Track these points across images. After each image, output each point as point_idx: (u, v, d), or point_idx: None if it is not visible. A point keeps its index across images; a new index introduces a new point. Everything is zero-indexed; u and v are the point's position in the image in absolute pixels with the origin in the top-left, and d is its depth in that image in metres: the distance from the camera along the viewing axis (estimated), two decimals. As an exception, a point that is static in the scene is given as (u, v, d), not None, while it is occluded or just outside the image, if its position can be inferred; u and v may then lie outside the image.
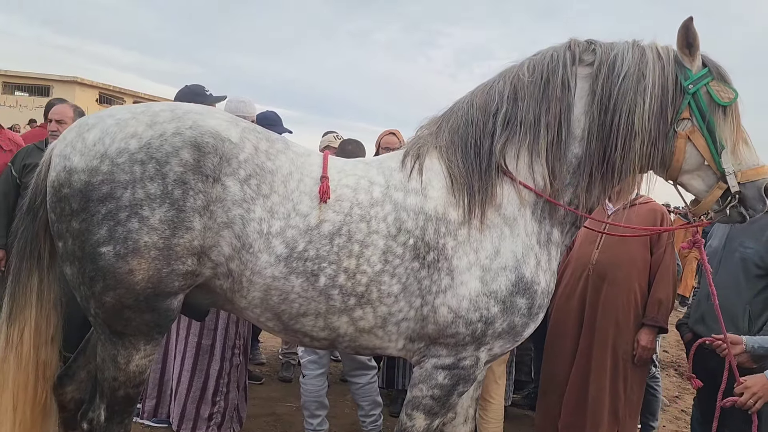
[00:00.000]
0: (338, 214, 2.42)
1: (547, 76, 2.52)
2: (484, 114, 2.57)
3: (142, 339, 2.41)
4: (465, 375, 2.53)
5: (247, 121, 2.61)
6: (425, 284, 2.44)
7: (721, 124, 2.46)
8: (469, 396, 2.89)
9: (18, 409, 2.47)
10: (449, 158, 2.55)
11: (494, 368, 3.82)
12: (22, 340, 2.47)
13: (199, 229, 2.31)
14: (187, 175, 2.28)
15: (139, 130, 2.31)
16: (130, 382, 2.45)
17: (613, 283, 3.80)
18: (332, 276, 2.39)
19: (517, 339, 2.58)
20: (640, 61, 2.47)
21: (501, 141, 2.52)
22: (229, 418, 3.97)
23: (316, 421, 4.11)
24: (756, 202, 2.48)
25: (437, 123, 2.70)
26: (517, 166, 2.53)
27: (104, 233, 2.23)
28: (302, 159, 2.54)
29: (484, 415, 3.87)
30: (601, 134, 2.48)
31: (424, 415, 2.56)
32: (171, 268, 2.29)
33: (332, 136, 5.77)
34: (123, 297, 2.29)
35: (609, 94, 2.46)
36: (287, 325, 2.50)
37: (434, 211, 2.47)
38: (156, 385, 4.10)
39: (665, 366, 7.64)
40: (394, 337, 2.53)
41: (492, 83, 2.64)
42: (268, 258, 2.36)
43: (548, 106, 2.49)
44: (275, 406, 5.03)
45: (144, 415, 4.20)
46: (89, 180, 2.24)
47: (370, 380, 4.21)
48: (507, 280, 2.44)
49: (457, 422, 2.91)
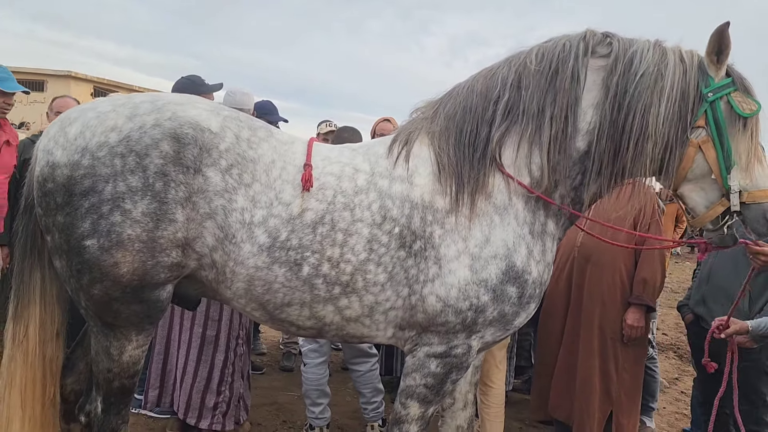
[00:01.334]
0: (321, 202, 2.41)
1: (556, 66, 2.43)
2: (484, 101, 2.51)
3: (133, 330, 2.43)
4: (457, 363, 2.53)
5: (230, 109, 2.58)
6: (412, 273, 2.42)
7: (739, 137, 2.35)
8: (468, 381, 2.91)
9: (26, 405, 2.50)
10: (440, 145, 2.50)
11: (495, 353, 3.83)
12: (27, 337, 2.50)
13: (182, 221, 2.32)
14: (168, 167, 2.29)
15: (119, 122, 2.32)
16: (124, 373, 2.48)
17: (598, 264, 3.84)
18: (316, 265, 2.38)
19: (508, 328, 2.56)
20: (660, 61, 2.37)
21: (500, 130, 2.47)
22: (235, 407, 3.99)
23: (318, 409, 4.15)
24: (758, 224, 2.39)
25: (434, 107, 2.65)
26: (514, 157, 2.48)
27: (88, 227, 2.25)
28: (285, 147, 2.52)
29: (485, 400, 3.89)
30: (613, 132, 2.39)
31: (419, 404, 2.56)
32: (156, 260, 2.31)
33: (326, 125, 5.79)
34: (110, 289, 2.31)
35: (624, 92, 2.36)
36: (272, 314, 2.50)
37: (420, 198, 2.44)
38: (159, 375, 4.12)
39: (664, 348, 7.69)
40: (382, 326, 2.53)
41: (496, 69, 2.56)
42: (250, 248, 2.36)
43: (554, 97, 2.42)
44: (277, 396, 5.07)
45: (147, 405, 4.23)
46: (71, 174, 2.26)
47: (371, 368, 4.25)
48: (497, 269, 2.41)
49: (456, 408, 2.93)
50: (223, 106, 2.58)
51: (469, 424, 2.94)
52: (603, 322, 3.82)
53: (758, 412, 3.56)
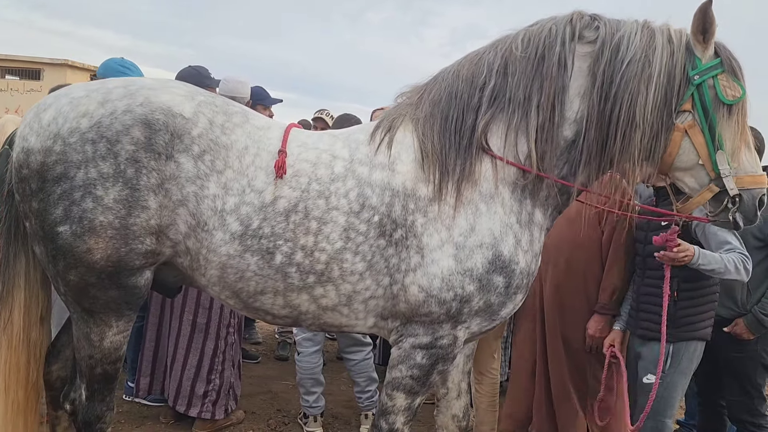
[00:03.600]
0: (294, 190, 2.36)
1: (542, 52, 2.35)
2: (470, 87, 2.43)
3: (112, 315, 2.41)
4: (443, 354, 2.47)
5: (206, 94, 2.52)
6: (393, 262, 2.37)
7: (724, 122, 2.29)
8: (460, 371, 2.88)
9: (10, 389, 2.50)
10: (424, 132, 2.42)
11: (491, 342, 3.80)
12: (12, 322, 2.50)
13: (155, 208, 2.29)
14: (139, 153, 2.26)
15: (90, 108, 2.30)
16: (105, 359, 2.46)
17: (557, 267, 3.57)
18: (288, 254, 2.34)
19: (495, 318, 2.49)
20: (648, 45, 2.28)
21: (486, 118, 2.39)
22: (225, 395, 3.98)
23: (312, 398, 4.13)
24: (748, 212, 2.35)
25: (419, 92, 2.57)
26: (501, 145, 2.40)
27: (60, 213, 2.24)
28: (260, 133, 2.46)
29: (479, 389, 3.87)
30: (600, 122, 2.32)
31: (405, 395, 2.52)
32: (129, 247, 2.29)
33: (322, 114, 5.75)
34: (85, 275, 2.30)
35: (611, 81, 2.29)
36: (246, 303, 2.47)
37: (402, 186, 2.37)
38: (150, 362, 4.10)
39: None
40: (361, 315, 2.48)
41: (482, 53, 2.48)
42: (222, 236, 2.33)
43: (541, 84, 2.34)
44: (271, 385, 5.06)
45: (139, 393, 4.22)
46: (44, 160, 2.25)
47: (365, 357, 4.22)
48: (483, 258, 2.34)
49: (451, 397, 2.90)
50: (199, 91, 2.52)
51: (464, 413, 2.92)
52: (566, 330, 3.57)
53: (753, 402, 3.54)
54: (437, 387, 2.88)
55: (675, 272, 3.01)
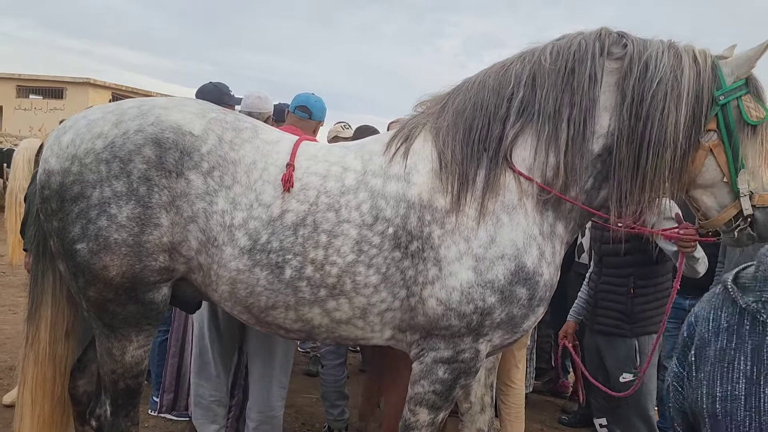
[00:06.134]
0: (302, 203, 2.35)
1: (572, 65, 2.34)
2: (497, 97, 2.40)
3: (132, 330, 2.45)
4: (465, 368, 2.43)
5: (218, 111, 2.54)
6: (409, 274, 2.33)
7: (747, 142, 2.31)
8: (482, 384, 2.85)
9: (36, 403, 2.55)
10: (445, 141, 2.40)
11: (515, 353, 3.77)
12: (38, 337, 2.56)
13: (167, 225, 2.33)
14: (151, 171, 2.31)
15: (105, 129, 2.36)
16: (128, 373, 2.50)
17: None
18: (298, 268, 2.33)
19: (516, 331, 2.44)
20: (676, 66, 2.30)
21: (515, 128, 2.37)
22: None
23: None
24: (766, 228, 2.34)
25: (441, 102, 2.55)
26: (527, 156, 2.38)
27: (78, 231, 2.31)
28: (269, 147, 2.47)
29: (505, 400, 3.83)
30: (632, 139, 2.30)
31: (428, 410, 2.48)
32: (143, 264, 2.33)
33: (340, 126, 5.73)
34: (103, 291, 2.36)
35: (641, 98, 2.28)
36: (258, 318, 2.47)
37: (418, 198, 2.34)
38: (174, 378, 4.11)
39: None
40: (377, 327, 2.45)
41: (509, 65, 2.46)
42: (232, 251, 2.34)
43: (571, 98, 2.33)
44: (295, 399, 5.03)
45: (163, 408, 4.23)
46: (63, 181, 2.33)
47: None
48: (505, 269, 2.30)
49: (474, 411, 2.87)
50: (212, 108, 2.56)
51: (489, 427, 2.89)
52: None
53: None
54: (460, 401, 2.85)
55: (630, 270, 3.25)
